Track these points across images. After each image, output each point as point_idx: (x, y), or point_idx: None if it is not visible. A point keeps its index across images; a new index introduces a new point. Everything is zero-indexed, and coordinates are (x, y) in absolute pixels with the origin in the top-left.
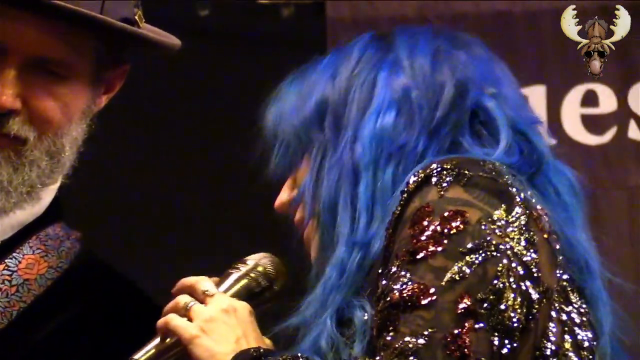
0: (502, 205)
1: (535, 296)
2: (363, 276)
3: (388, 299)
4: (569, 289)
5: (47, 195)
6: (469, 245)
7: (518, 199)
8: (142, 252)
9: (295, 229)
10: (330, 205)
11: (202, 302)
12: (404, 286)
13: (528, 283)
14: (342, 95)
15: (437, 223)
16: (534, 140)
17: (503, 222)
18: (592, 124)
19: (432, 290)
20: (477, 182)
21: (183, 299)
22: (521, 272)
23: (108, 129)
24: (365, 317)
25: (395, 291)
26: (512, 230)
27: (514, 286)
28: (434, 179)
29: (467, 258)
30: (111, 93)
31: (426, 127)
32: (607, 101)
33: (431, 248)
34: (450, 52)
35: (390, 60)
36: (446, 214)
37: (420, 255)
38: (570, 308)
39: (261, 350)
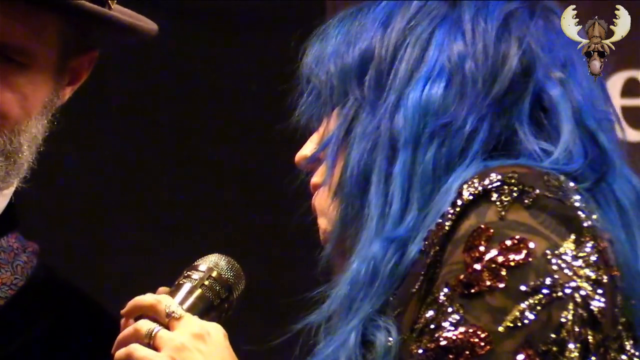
0: (571, 235)
1: (593, 346)
2: (393, 287)
3: (436, 336)
4: (623, 334)
5: (1, 201)
6: (533, 283)
7: (586, 227)
8: (106, 267)
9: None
10: (359, 177)
11: (167, 326)
12: (457, 327)
13: (589, 331)
14: (391, 49)
15: (496, 252)
16: (602, 141)
17: (570, 256)
18: (634, 117)
19: (489, 337)
20: (544, 204)
21: (145, 325)
22: (585, 318)
23: (73, 125)
24: (390, 344)
25: (446, 331)
26: (580, 267)
27: (576, 334)
28: (494, 195)
29: (530, 300)
30: (77, 84)
31: (478, 105)
32: None
33: (488, 282)
34: (523, 20)
35: (452, 18)
36: (508, 242)
37: (476, 289)
38: (623, 357)
39: None
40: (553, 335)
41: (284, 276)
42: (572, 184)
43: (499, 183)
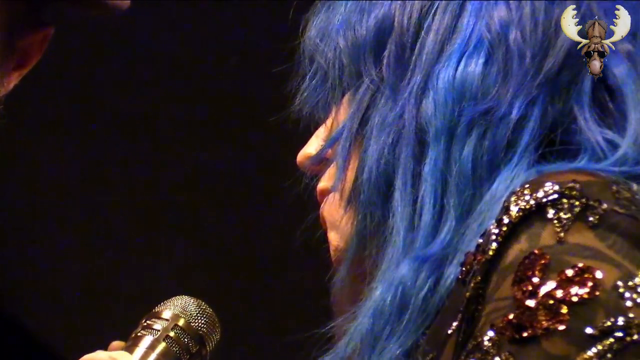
0: None
1: None
2: (425, 323)
3: None
4: None
5: None
6: (601, 324)
7: None
8: (61, 294)
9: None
10: (378, 179)
11: None
12: None
13: None
14: (415, 17)
15: (554, 284)
16: None
17: None
18: None
19: None
20: (613, 222)
21: None
22: None
23: (22, 120)
24: None
25: None
26: None
27: None
28: (550, 212)
29: (599, 345)
30: (26, 68)
31: (526, 86)
32: None
33: (545, 324)
34: None
35: None
36: (569, 271)
37: (529, 332)
38: None
39: None
40: None
41: (287, 307)
42: None
43: (556, 195)
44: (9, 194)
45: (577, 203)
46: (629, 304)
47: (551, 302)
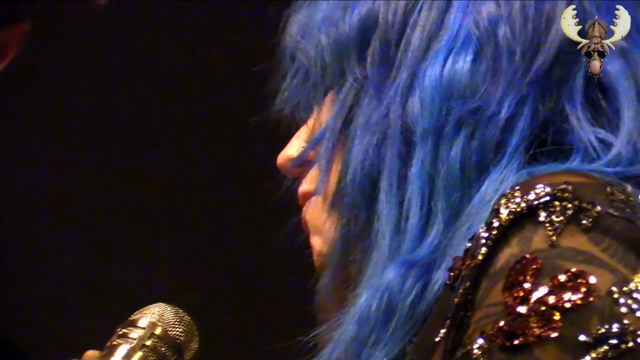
0: None
1: None
2: (412, 330)
3: None
4: None
5: None
6: (595, 331)
7: None
8: (37, 301)
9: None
10: (363, 181)
11: None
12: None
13: None
14: (400, 13)
15: (546, 289)
16: None
17: None
18: None
19: None
20: (607, 225)
21: None
22: None
23: (21, 119)
24: None
25: None
26: None
27: None
28: (541, 214)
29: (593, 353)
30: (1, 64)
31: (516, 84)
32: None
33: (537, 331)
34: None
35: None
36: (561, 276)
37: (521, 340)
38: None
39: None
40: None
41: (270, 314)
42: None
43: (548, 198)
44: (5, 193)
45: (569, 205)
46: (623, 310)
47: (543, 308)
